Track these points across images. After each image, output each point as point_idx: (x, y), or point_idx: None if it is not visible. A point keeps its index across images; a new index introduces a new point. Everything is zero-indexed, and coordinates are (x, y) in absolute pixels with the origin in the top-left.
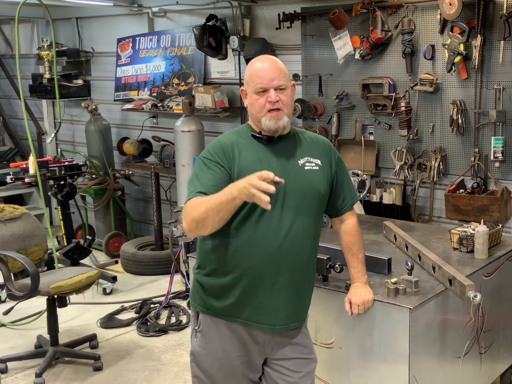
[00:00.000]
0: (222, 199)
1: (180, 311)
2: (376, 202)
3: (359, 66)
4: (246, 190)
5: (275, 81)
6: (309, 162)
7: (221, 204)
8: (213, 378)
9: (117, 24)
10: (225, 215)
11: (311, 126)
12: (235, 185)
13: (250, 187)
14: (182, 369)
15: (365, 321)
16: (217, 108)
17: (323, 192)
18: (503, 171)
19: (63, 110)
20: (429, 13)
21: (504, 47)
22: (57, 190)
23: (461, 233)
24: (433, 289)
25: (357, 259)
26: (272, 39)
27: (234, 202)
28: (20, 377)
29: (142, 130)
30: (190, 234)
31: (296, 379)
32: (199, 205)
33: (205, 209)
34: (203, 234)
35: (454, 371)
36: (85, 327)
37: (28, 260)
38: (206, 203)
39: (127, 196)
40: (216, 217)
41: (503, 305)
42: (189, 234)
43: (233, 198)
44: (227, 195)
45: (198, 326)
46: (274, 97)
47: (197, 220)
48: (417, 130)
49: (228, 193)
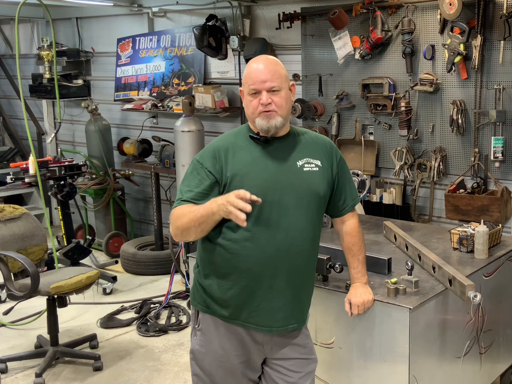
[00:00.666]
0: (203, 213)
1: (180, 311)
2: (376, 202)
3: (359, 66)
4: (223, 207)
5: (267, 83)
6: (308, 163)
7: (202, 218)
8: (213, 376)
9: (117, 24)
10: (206, 227)
11: (311, 126)
12: (215, 201)
13: (228, 205)
14: (182, 369)
15: (365, 321)
16: (217, 108)
17: (322, 194)
18: (503, 171)
19: (63, 110)
20: (429, 13)
21: (504, 47)
22: (57, 190)
23: (461, 233)
24: (433, 289)
25: (357, 259)
26: (272, 39)
27: (213, 217)
28: (20, 377)
29: (142, 130)
30: (176, 239)
31: (295, 379)
32: (183, 216)
33: (188, 221)
34: (188, 240)
35: (454, 371)
36: (85, 327)
37: (28, 260)
38: (190, 214)
39: (127, 196)
40: (198, 229)
41: (503, 305)
42: (175, 239)
43: (213, 213)
44: (207, 210)
45: (198, 325)
46: (265, 99)
47: (181, 229)
48: (417, 130)
49: (209, 207)
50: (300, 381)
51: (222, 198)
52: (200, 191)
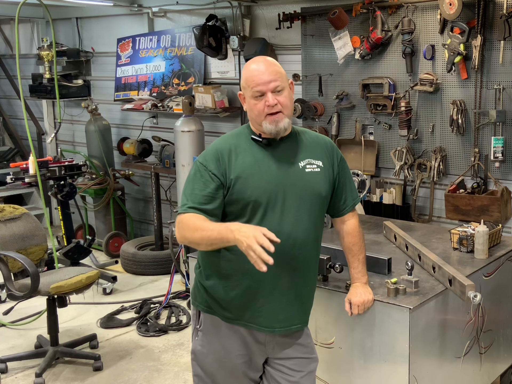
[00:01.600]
0: (217, 237)
1: (180, 311)
2: (376, 202)
3: (359, 66)
4: (242, 245)
5: (271, 83)
6: (310, 164)
7: (215, 240)
8: (214, 377)
9: (117, 24)
10: (217, 246)
11: (311, 126)
12: (231, 231)
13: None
14: (182, 369)
15: (365, 321)
16: (217, 108)
17: (324, 194)
18: (503, 171)
19: (63, 110)
20: (429, 13)
21: (504, 47)
22: (57, 190)
23: (461, 233)
24: (433, 289)
25: (357, 259)
26: (272, 39)
27: (228, 243)
28: (20, 377)
29: (142, 130)
30: (181, 243)
31: (297, 378)
32: (194, 230)
33: (199, 238)
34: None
35: (454, 371)
36: (85, 327)
37: (28, 260)
38: (202, 232)
39: (127, 196)
40: (209, 247)
41: (503, 305)
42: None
43: (228, 241)
44: (222, 236)
45: (199, 325)
46: (272, 101)
47: (190, 241)
48: (417, 130)
49: (224, 235)
50: (302, 380)
51: (240, 232)
52: (205, 194)
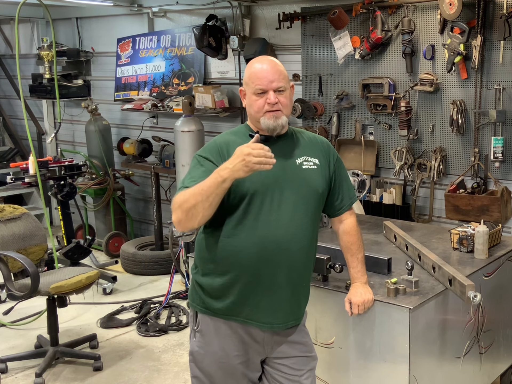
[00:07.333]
0: (211, 184)
1: (180, 311)
2: (376, 202)
3: (359, 66)
4: (243, 164)
5: (274, 83)
6: (307, 161)
7: (210, 188)
8: (212, 378)
9: (117, 24)
10: (215, 199)
11: (311, 126)
12: (222, 169)
13: (249, 161)
14: (182, 369)
15: (365, 321)
16: (217, 108)
17: (320, 191)
18: (503, 171)
19: (63, 110)
20: (429, 13)
21: (504, 47)
22: (57, 190)
23: (461, 233)
24: (433, 289)
25: (356, 259)
26: (272, 39)
27: (223, 185)
28: (20, 377)
29: (142, 130)
30: (180, 226)
31: (298, 377)
32: (187, 194)
33: (194, 197)
34: (192, 225)
35: (454, 371)
36: (85, 327)
37: (28, 260)
38: (194, 190)
39: (127, 196)
40: (206, 203)
41: (503, 305)
42: (179, 227)
43: (223, 180)
44: (215, 179)
45: (197, 326)
46: (273, 99)
47: (187, 210)
48: (417, 130)
49: (217, 176)
50: (303, 378)
51: (232, 161)
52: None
